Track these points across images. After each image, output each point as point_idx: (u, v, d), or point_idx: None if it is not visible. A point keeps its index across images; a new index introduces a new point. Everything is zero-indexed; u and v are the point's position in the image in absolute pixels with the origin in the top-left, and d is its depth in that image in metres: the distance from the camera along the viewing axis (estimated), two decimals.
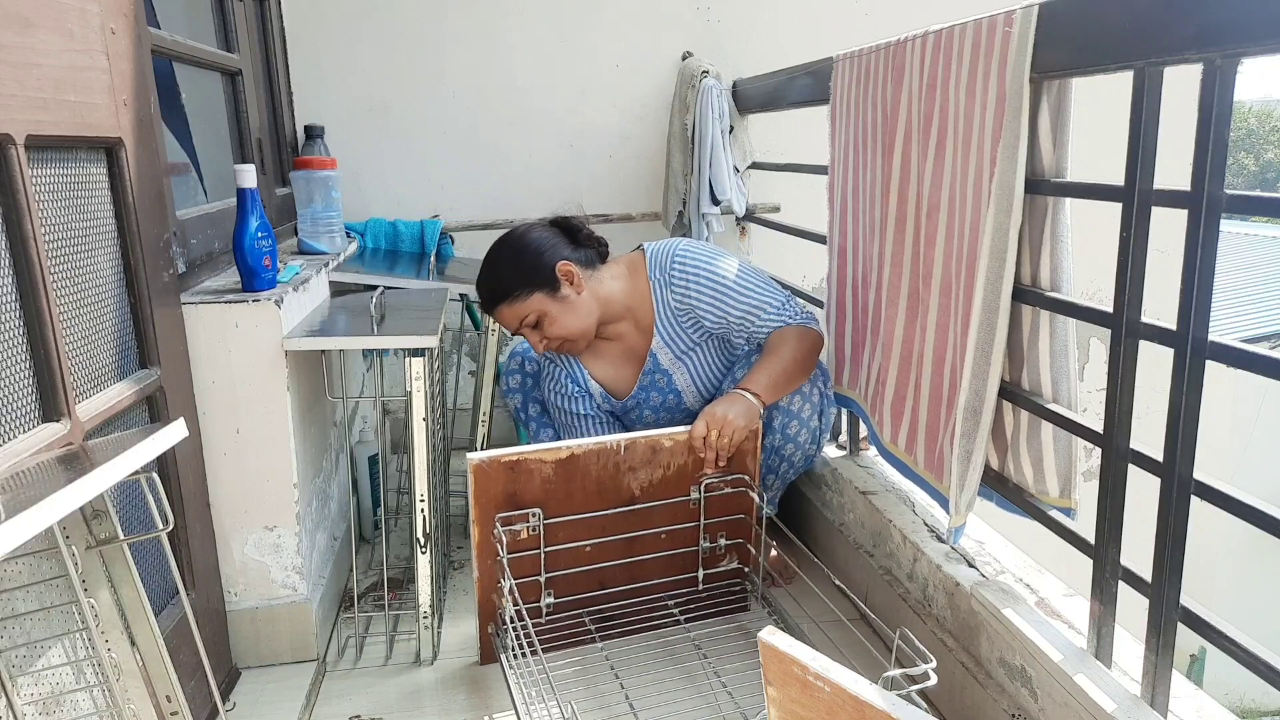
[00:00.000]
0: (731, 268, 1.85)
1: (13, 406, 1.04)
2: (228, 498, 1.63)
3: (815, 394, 1.88)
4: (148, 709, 1.15)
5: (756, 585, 1.82)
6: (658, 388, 1.97)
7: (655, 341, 1.92)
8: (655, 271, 1.89)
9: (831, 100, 1.93)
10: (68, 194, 1.22)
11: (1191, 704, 1.15)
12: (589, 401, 1.98)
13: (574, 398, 1.98)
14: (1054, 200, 1.26)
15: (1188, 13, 0.95)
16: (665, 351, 1.92)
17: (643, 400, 1.98)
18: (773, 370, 1.74)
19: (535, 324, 1.84)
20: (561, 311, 1.82)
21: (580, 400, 1.98)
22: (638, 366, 1.96)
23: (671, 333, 1.91)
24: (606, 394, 1.99)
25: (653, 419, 2.00)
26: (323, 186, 2.17)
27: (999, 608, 1.36)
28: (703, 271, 1.83)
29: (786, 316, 1.83)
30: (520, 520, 1.58)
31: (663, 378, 1.95)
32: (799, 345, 1.79)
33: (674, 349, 1.92)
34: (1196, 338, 0.99)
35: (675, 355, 1.93)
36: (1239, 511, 0.98)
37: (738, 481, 1.72)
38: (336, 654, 1.79)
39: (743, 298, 1.83)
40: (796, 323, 1.83)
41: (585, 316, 1.85)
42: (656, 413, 2.00)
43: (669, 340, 1.91)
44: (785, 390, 1.78)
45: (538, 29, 2.90)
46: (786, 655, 0.96)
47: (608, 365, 1.98)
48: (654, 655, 1.71)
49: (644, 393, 1.97)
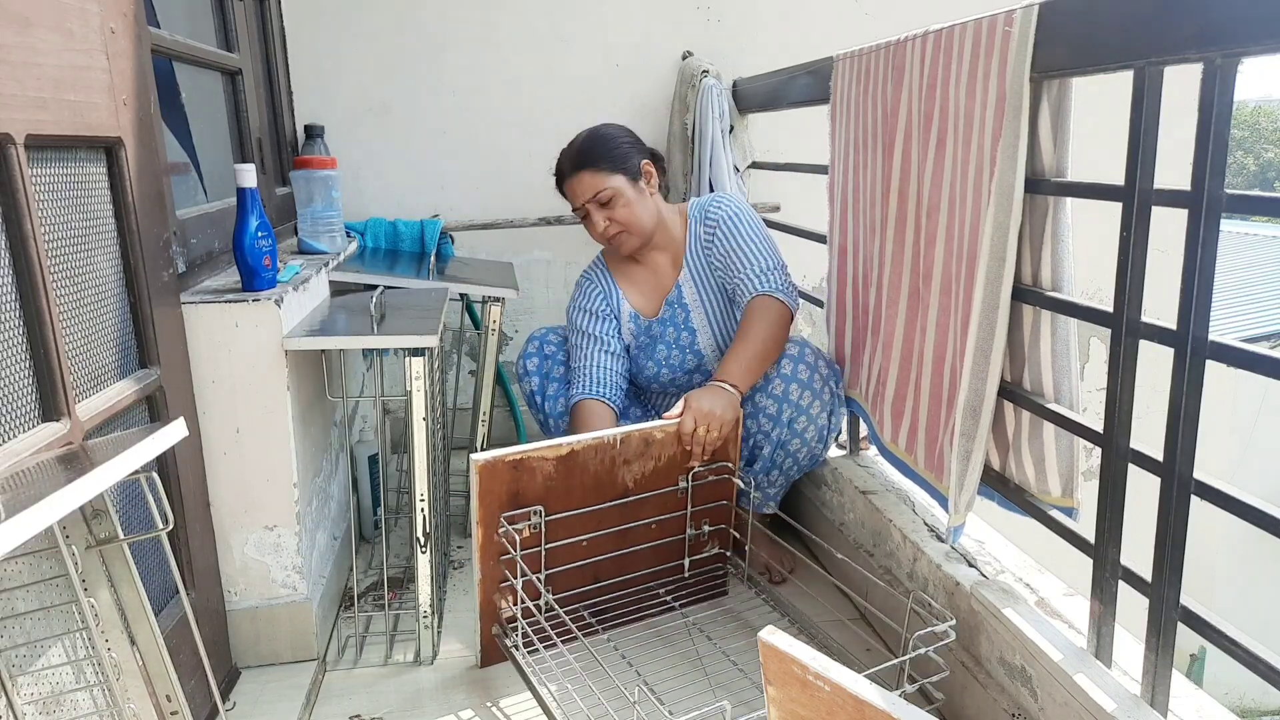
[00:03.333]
0: (755, 220, 2.03)
1: (12, 406, 1.04)
2: (228, 497, 1.63)
3: (826, 392, 1.89)
4: (148, 708, 1.15)
5: (741, 568, 1.91)
6: (675, 322, 2.06)
7: (682, 274, 2.06)
8: (695, 210, 2.08)
9: (831, 100, 1.93)
10: (67, 194, 1.22)
11: (1191, 704, 1.15)
12: (613, 333, 2.04)
13: (600, 316, 2.05)
14: (1054, 200, 1.26)
15: (1188, 12, 0.95)
16: (689, 285, 2.05)
17: (662, 333, 2.07)
18: (745, 357, 1.82)
19: (606, 202, 1.95)
20: (634, 199, 1.97)
21: (603, 321, 2.04)
22: (662, 297, 2.09)
23: (697, 269, 2.05)
24: (635, 314, 2.08)
25: (665, 354, 2.07)
26: (323, 186, 2.17)
27: (999, 607, 1.36)
28: (733, 208, 2.03)
29: (766, 282, 1.92)
30: (522, 519, 1.59)
31: (682, 312, 2.06)
32: (767, 325, 1.85)
33: (697, 285, 2.05)
34: (1196, 337, 0.99)
35: (697, 292, 2.05)
36: (1239, 511, 0.98)
37: (720, 469, 1.78)
38: (336, 654, 1.79)
39: (746, 242, 1.97)
40: (770, 292, 1.90)
41: (649, 216, 2.01)
42: (669, 348, 2.07)
43: (694, 275, 2.05)
44: (760, 373, 1.85)
45: (538, 28, 2.90)
46: (786, 655, 0.96)
47: (638, 291, 2.10)
48: (659, 641, 1.75)
49: (664, 324, 2.07)
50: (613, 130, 2.01)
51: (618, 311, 2.07)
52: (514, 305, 3.01)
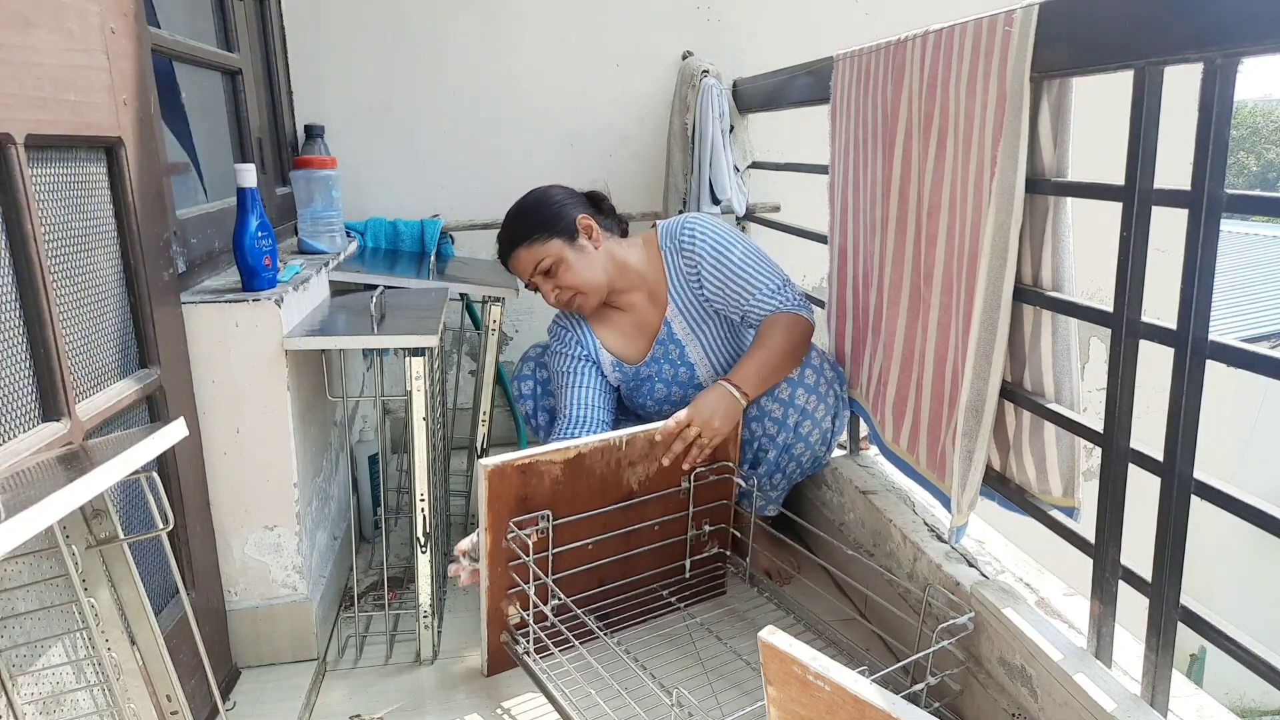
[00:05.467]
0: (737, 240, 1.90)
1: (13, 406, 1.04)
2: (228, 497, 1.63)
3: (831, 396, 1.87)
4: (148, 708, 1.15)
5: (741, 567, 1.90)
6: (670, 359, 1.98)
7: (670, 309, 1.95)
8: (666, 240, 1.95)
9: (832, 100, 1.93)
10: (68, 193, 1.22)
11: (1191, 703, 1.15)
12: (591, 371, 1.97)
13: (579, 361, 1.96)
14: (1055, 200, 1.26)
15: (1188, 12, 0.95)
16: (679, 320, 1.95)
17: (655, 372, 1.99)
18: (760, 363, 1.78)
19: (549, 270, 1.87)
20: (577, 260, 1.87)
21: (582, 369, 1.96)
22: (650, 338, 1.98)
23: (685, 301, 1.95)
24: (618, 362, 1.99)
25: (664, 392, 2.01)
26: (323, 186, 2.17)
27: (999, 607, 1.36)
28: (710, 237, 1.89)
29: (780, 301, 1.86)
30: (530, 524, 1.59)
31: (675, 349, 1.97)
32: (788, 336, 1.81)
33: (688, 318, 1.96)
34: (1196, 337, 0.99)
35: (689, 325, 1.96)
36: (1239, 511, 0.98)
37: (721, 469, 1.78)
38: (336, 653, 1.79)
39: (742, 270, 1.87)
40: (788, 309, 1.85)
41: (600, 271, 1.90)
42: (669, 386, 2.00)
43: (683, 309, 1.95)
44: (772, 382, 1.81)
45: (538, 28, 2.90)
46: (787, 655, 0.96)
47: (619, 336, 2.00)
48: (667, 642, 1.75)
49: (656, 364, 1.99)
50: (537, 196, 1.92)
51: (597, 358, 1.99)
52: (514, 305, 3.01)
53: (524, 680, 1.63)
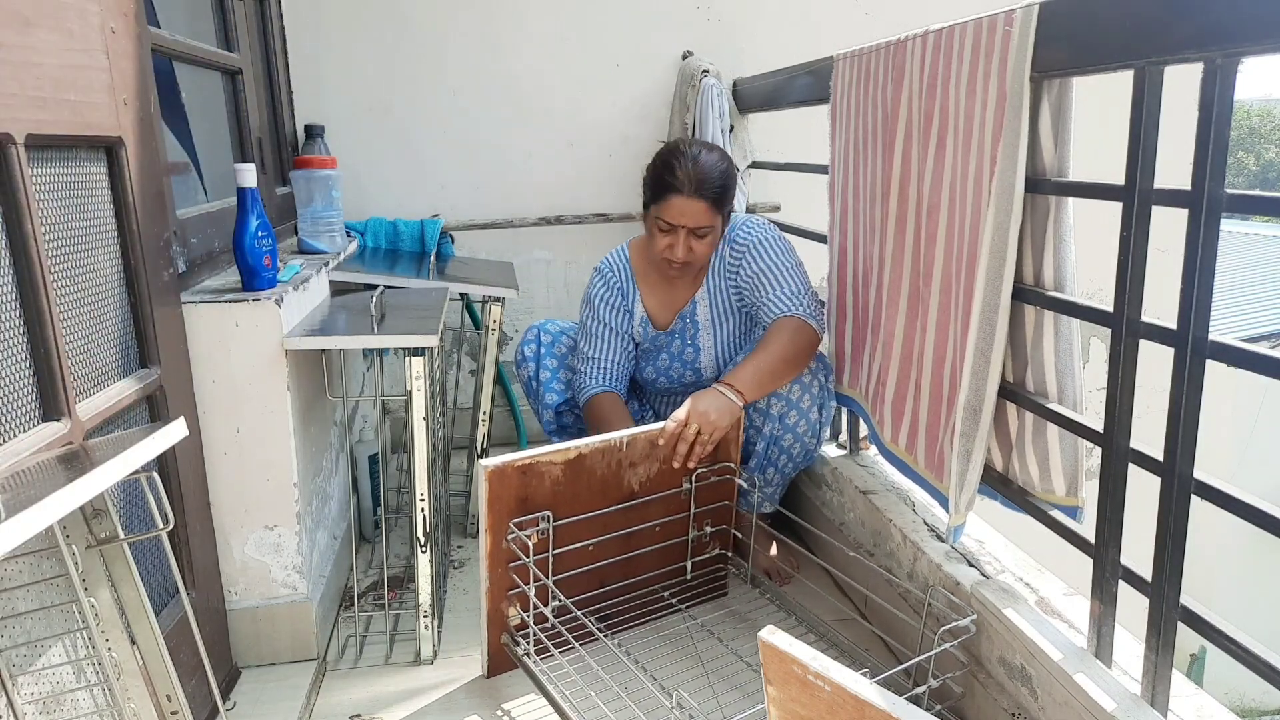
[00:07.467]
0: (785, 245, 1.97)
1: (13, 405, 1.04)
2: (228, 497, 1.63)
3: (815, 385, 1.89)
4: (148, 708, 1.15)
5: (742, 568, 1.91)
6: (684, 336, 2.04)
7: (700, 291, 2.03)
8: (727, 232, 2.01)
9: (832, 99, 1.93)
10: (68, 193, 1.22)
11: (1191, 703, 1.15)
12: (627, 321, 2.05)
13: (619, 309, 2.05)
14: (1056, 200, 1.26)
15: (1188, 12, 0.95)
16: (705, 304, 2.03)
17: (667, 344, 2.06)
18: (759, 367, 1.78)
19: (701, 234, 1.88)
20: (717, 239, 1.94)
21: (621, 315, 2.05)
22: (676, 311, 2.06)
23: (716, 289, 2.02)
24: (646, 320, 2.06)
25: (666, 364, 2.07)
26: (323, 186, 2.17)
27: (999, 607, 1.36)
28: (762, 231, 1.97)
29: (795, 305, 1.87)
30: (531, 525, 1.58)
31: (692, 328, 2.04)
32: (792, 343, 1.81)
33: (714, 305, 2.03)
34: (1197, 337, 0.99)
35: (712, 312, 2.02)
36: (1239, 511, 0.98)
37: (723, 470, 1.78)
38: (337, 653, 1.79)
39: (774, 264, 1.92)
40: (801, 314, 1.85)
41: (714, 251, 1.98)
42: (672, 359, 2.07)
43: (712, 295, 2.02)
44: (770, 387, 1.82)
45: (538, 28, 2.90)
46: (787, 655, 0.96)
47: (657, 301, 2.07)
48: (668, 643, 1.75)
49: (671, 336, 2.05)
50: (732, 170, 1.92)
51: (632, 311, 2.06)
52: (514, 305, 3.01)
53: (524, 681, 1.63)
